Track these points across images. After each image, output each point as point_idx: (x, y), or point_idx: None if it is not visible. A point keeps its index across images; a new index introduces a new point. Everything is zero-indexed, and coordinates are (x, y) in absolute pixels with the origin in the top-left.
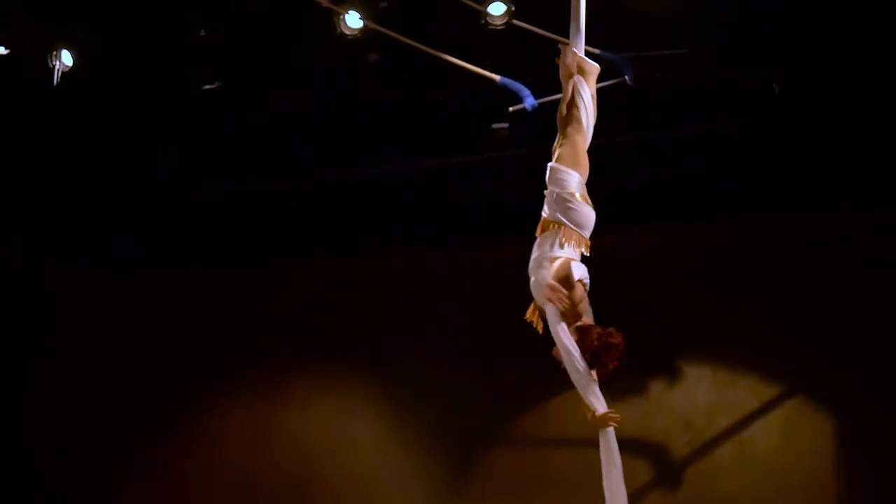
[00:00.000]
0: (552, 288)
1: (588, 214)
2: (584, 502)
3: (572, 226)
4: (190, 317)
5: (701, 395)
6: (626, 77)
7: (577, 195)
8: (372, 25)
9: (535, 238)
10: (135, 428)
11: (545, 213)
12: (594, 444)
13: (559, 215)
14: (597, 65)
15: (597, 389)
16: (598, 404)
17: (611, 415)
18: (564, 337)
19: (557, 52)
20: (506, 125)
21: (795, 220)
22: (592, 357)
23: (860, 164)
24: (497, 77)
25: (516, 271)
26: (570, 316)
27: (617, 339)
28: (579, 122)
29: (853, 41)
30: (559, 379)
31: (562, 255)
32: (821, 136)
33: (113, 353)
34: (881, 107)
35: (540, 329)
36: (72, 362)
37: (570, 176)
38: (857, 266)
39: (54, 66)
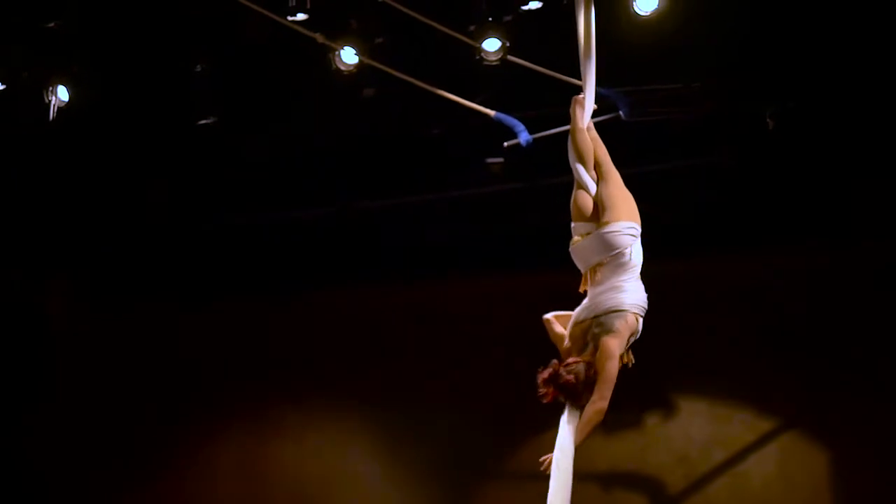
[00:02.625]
0: None
1: (584, 247)
2: None
3: (581, 268)
4: (185, 349)
5: (696, 429)
6: (621, 112)
7: (576, 237)
8: (367, 61)
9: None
10: (129, 461)
11: None
12: (591, 476)
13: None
14: (578, 96)
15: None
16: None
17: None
18: None
19: (552, 88)
20: (500, 160)
21: (791, 254)
22: None
23: (856, 197)
24: (492, 112)
25: (511, 303)
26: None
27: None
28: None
29: (847, 75)
30: (557, 410)
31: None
32: (815, 170)
33: (108, 385)
34: (875, 140)
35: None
36: (67, 395)
37: (575, 227)
38: (852, 299)
39: (50, 101)
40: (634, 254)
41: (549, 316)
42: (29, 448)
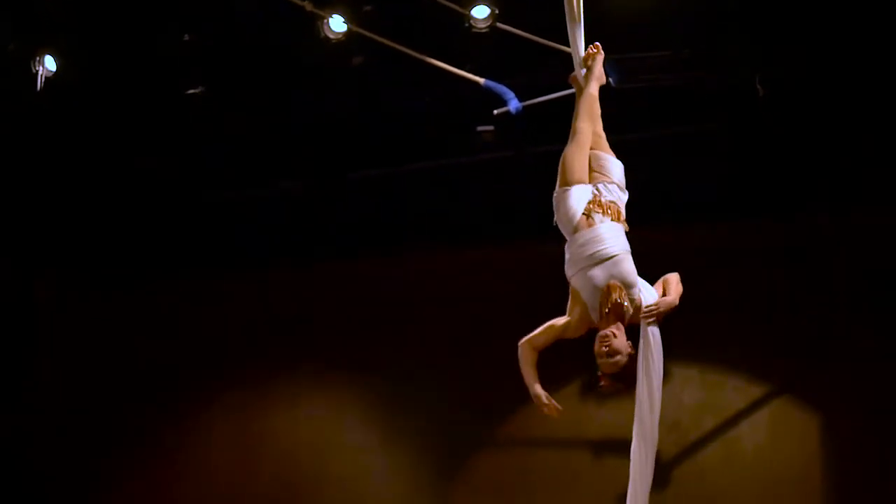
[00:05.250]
0: None
1: None
2: None
3: None
4: (177, 319)
5: (688, 396)
6: (610, 79)
7: None
8: (356, 29)
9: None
10: (121, 432)
11: None
12: (580, 446)
13: None
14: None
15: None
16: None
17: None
18: None
19: (542, 55)
20: (491, 128)
21: (782, 222)
22: None
23: (846, 166)
24: (481, 80)
25: (503, 273)
26: None
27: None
28: None
29: (837, 42)
30: (546, 381)
31: None
32: (807, 138)
33: (98, 357)
34: (867, 108)
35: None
36: (56, 369)
37: None
38: (842, 267)
39: (37, 71)
40: (563, 215)
41: None
42: (16, 423)
